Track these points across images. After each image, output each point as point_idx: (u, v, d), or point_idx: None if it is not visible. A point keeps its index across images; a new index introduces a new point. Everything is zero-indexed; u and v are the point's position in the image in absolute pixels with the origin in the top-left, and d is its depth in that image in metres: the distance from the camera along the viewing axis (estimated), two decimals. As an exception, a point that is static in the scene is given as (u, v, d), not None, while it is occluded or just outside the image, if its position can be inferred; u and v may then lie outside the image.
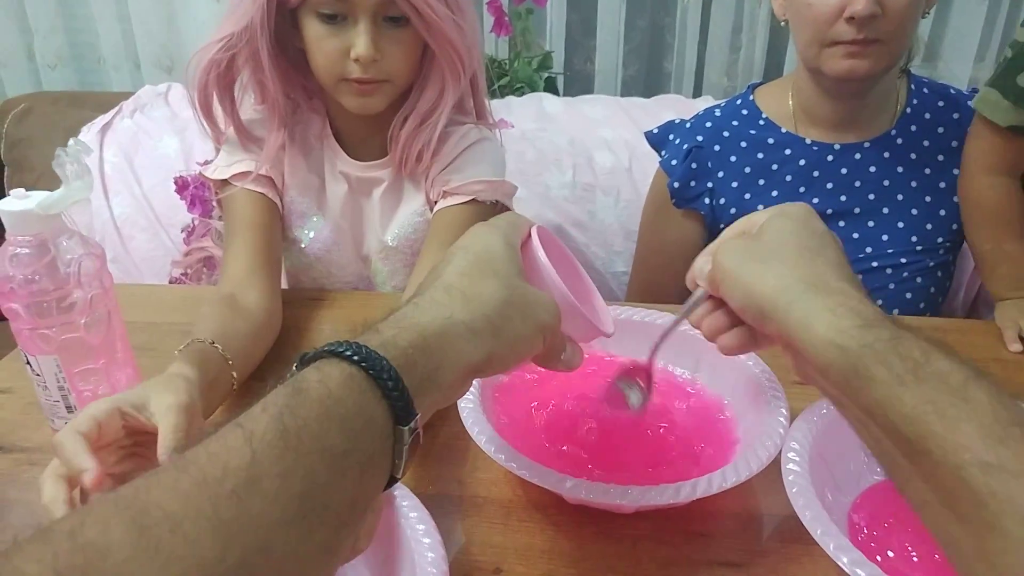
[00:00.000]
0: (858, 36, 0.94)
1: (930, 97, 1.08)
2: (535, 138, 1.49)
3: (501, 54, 1.80)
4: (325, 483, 0.33)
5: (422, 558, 0.50)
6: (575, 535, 0.60)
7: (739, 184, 1.10)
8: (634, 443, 0.65)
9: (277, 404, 0.34)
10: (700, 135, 1.13)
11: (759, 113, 1.12)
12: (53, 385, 0.64)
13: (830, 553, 0.50)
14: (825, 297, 0.46)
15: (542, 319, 0.47)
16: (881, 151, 1.06)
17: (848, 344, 0.43)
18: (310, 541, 0.32)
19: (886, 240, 1.05)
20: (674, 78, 1.91)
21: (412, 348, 0.40)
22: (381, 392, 0.37)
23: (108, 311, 0.65)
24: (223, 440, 0.32)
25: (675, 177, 1.13)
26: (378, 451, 0.37)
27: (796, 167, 1.07)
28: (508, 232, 0.50)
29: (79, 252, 0.62)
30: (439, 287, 0.45)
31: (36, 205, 0.60)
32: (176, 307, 0.96)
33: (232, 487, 0.30)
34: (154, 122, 1.56)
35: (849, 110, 1.05)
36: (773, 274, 0.49)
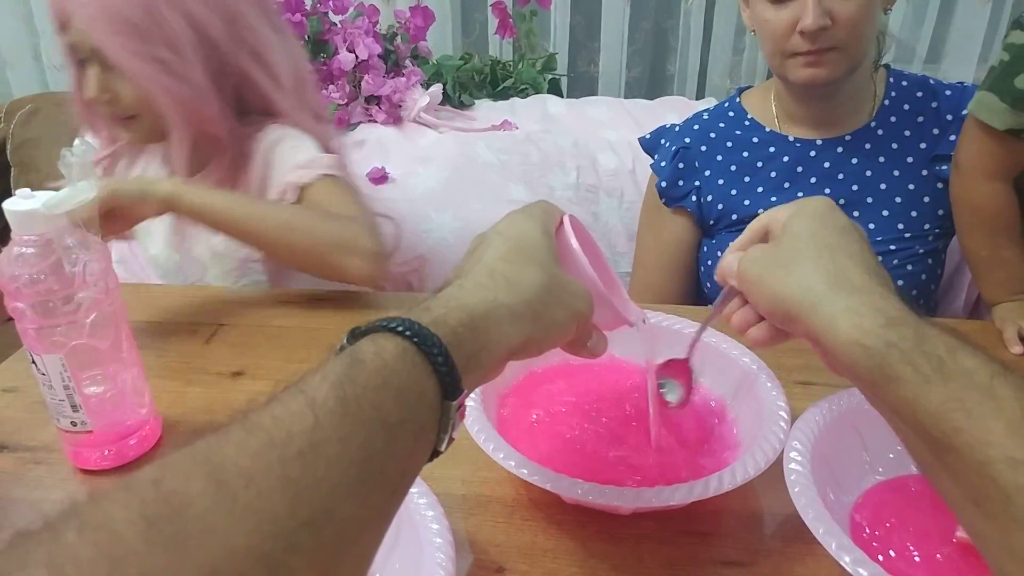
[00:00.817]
0: (812, 47, 0.98)
1: (908, 89, 1.11)
2: (539, 140, 1.49)
3: (505, 56, 1.80)
4: (381, 450, 0.34)
5: (431, 557, 0.50)
6: (578, 534, 0.60)
7: (725, 181, 1.13)
8: (635, 444, 0.65)
9: (336, 373, 0.35)
10: (688, 137, 1.17)
11: (744, 114, 1.16)
12: (58, 384, 0.64)
13: (832, 553, 0.50)
14: (847, 296, 0.46)
15: (577, 307, 0.48)
16: (862, 143, 1.09)
17: (872, 344, 0.43)
18: (368, 505, 0.34)
19: (873, 228, 1.07)
20: (677, 80, 1.91)
21: (461, 327, 0.41)
22: (432, 367, 0.38)
23: (114, 311, 0.66)
24: (286, 405, 0.33)
25: (663, 177, 1.17)
26: (428, 423, 0.38)
27: (780, 163, 1.11)
28: (544, 220, 0.51)
29: (85, 252, 0.62)
30: (482, 271, 0.46)
31: (42, 205, 0.60)
32: (182, 307, 0.96)
33: (298, 449, 0.31)
34: (159, 123, 1.56)
35: (824, 110, 1.09)
36: (796, 277, 0.49)
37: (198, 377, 0.81)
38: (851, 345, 0.44)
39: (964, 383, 0.39)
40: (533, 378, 0.72)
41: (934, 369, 0.40)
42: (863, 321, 0.44)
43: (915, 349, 0.41)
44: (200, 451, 0.31)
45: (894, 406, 0.42)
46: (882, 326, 0.43)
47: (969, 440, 0.37)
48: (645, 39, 1.91)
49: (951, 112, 1.09)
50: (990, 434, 0.37)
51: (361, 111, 1.55)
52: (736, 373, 0.70)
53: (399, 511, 0.54)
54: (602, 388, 0.71)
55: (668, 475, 0.62)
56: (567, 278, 0.49)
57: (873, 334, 0.43)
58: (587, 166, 1.45)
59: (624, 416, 0.67)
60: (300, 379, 0.36)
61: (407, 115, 1.54)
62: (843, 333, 0.45)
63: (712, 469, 0.61)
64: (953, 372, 0.40)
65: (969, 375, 0.39)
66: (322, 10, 1.53)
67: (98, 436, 0.67)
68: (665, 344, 0.73)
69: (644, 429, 0.66)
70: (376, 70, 1.53)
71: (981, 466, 0.37)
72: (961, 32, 1.79)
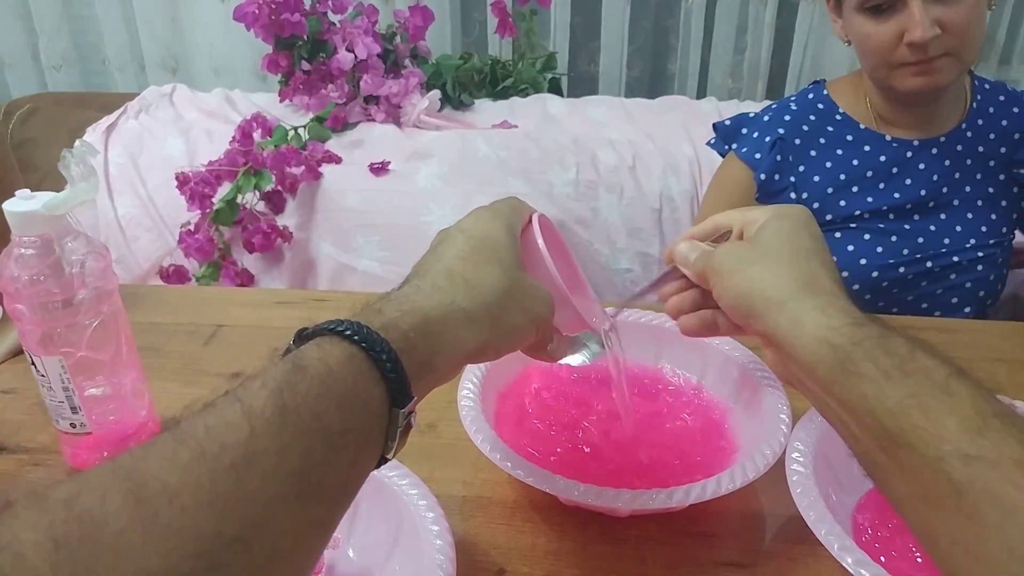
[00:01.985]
0: (924, 57, 0.96)
1: (991, 93, 1.11)
2: (539, 136, 1.49)
3: (505, 56, 1.80)
4: (322, 461, 0.33)
5: (431, 559, 0.50)
6: (579, 536, 0.60)
7: (821, 179, 1.10)
8: (636, 445, 0.65)
9: (277, 379, 0.34)
10: (781, 128, 1.12)
11: (835, 107, 1.12)
12: (58, 386, 0.64)
13: (834, 554, 0.50)
14: (816, 297, 0.47)
15: (538, 311, 0.48)
16: (954, 145, 1.08)
17: (839, 341, 0.44)
18: (305, 517, 0.33)
19: (960, 231, 1.07)
20: (678, 79, 1.91)
21: (413, 332, 0.40)
22: (380, 374, 0.37)
23: (113, 312, 0.65)
24: (221, 414, 0.32)
25: (761, 170, 1.11)
26: (374, 431, 0.37)
27: (877, 163, 1.09)
28: (510, 218, 0.50)
29: (84, 253, 0.62)
30: (441, 271, 0.45)
31: (42, 206, 0.60)
32: (181, 308, 0.96)
33: (230, 462, 0.30)
34: (159, 123, 1.57)
35: (924, 113, 1.08)
36: (770, 274, 0.50)
37: (197, 378, 0.81)
38: (817, 341, 0.45)
39: (922, 380, 0.40)
40: (532, 376, 0.72)
41: (895, 366, 0.41)
42: (830, 319, 0.45)
43: (878, 347, 0.42)
44: (122, 465, 0.29)
45: (850, 403, 0.43)
46: (849, 324, 0.45)
47: (924, 436, 0.38)
48: (645, 38, 1.91)
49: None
50: (944, 430, 0.37)
51: (359, 110, 1.55)
52: (737, 374, 0.69)
53: (399, 512, 0.55)
54: (601, 387, 0.71)
55: (667, 476, 0.61)
56: (529, 280, 0.48)
57: (840, 331, 0.44)
58: (586, 162, 1.45)
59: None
60: (240, 384, 0.34)
61: (407, 120, 1.54)
62: (810, 330, 0.45)
63: (713, 471, 0.61)
64: (913, 369, 0.41)
65: (928, 373, 0.40)
66: (321, 10, 1.53)
67: (97, 438, 0.67)
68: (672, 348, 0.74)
69: (643, 428, 0.66)
70: (375, 70, 1.53)
71: (935, 462, 0.37)
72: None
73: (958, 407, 0.38)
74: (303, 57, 1.54)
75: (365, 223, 1.41)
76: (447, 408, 0.65)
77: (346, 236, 1.41)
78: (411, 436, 0.72)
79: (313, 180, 1.42)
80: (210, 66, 1.95)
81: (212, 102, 1.63)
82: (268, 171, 1.41)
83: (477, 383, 0.66)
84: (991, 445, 0.36)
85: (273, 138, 1.46)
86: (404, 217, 1.40)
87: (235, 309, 0.94)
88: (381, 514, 0.57)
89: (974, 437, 0.36)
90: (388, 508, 0.56)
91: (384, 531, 0.56)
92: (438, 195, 1.41)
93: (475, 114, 1.60)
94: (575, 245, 1.41)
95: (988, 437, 0.36)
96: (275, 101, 1.60)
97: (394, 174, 1.44)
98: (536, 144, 1.47)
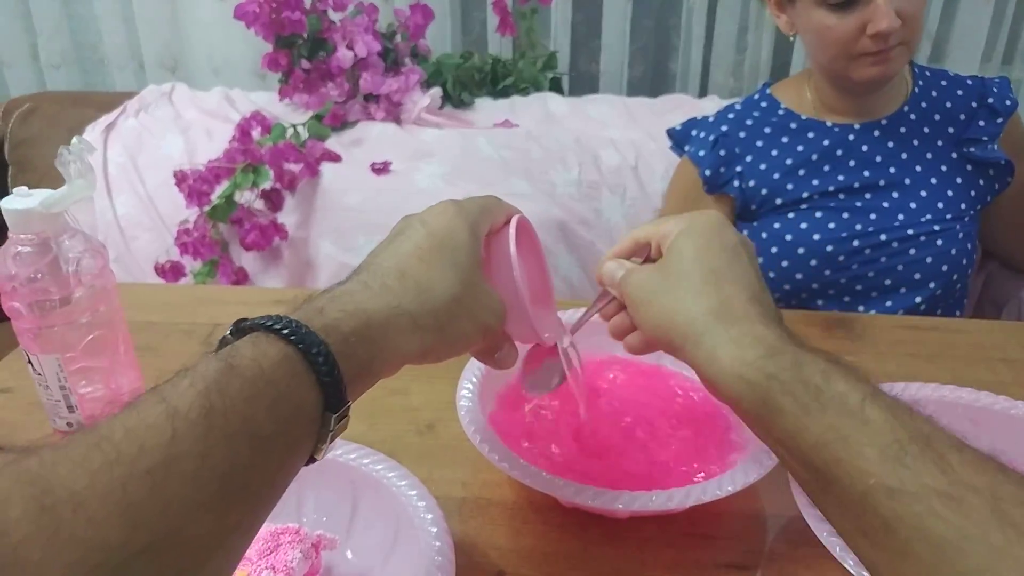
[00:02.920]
0: (884, 47, 1.01)
1: (932, 79, 1.17)
2: (541, 136, 1.48)
3: (505, 54, 1.80)
4: (247, 465, 0.32)
5: (429, 560, 0.50)
6: (579, 538, 0.60)
7: (767, 166, 1.15)
8: (636, 446, 0.64)
9: (206, 379, 0.33)
10: (724, 125, 1.19)
11: (778, 104, 1.19)
12: (55, 385, 0.64)
13: (836, 556, 0.49)
14: (729, 327, 0.46)
15: (487, 321, 0.47)
16: (897, 127, 1.13)
17: (754, 377, 0.42)
18: (225, 522, 0.32)
19: (915, 208, 1.10)
20: (680, 79, 1.90)
21: (354, 336, 0.39)
22: (315, 378, 0.36)
23: (110, 310, 0.65)
24: (143, 415, 0.31)
25: (705, 166, 1.17)
26: (304, 435, 0.36)
27: (820, 147, 1.14)
28: (477, 219, 0.48)
29: (81, 251, 0.62)
30: (392, 270, 0.44)
31: (39, 204, 0.59)
32: (178, 307, 0.95)
33: (147, 467, 0.29)
34: (158, 122, 1.56)
35: (868, 101, 1.13)
36: (680, 307, 0.48)
37: (196, 377, 0.81)
38: (735, 379, 0.43)
39: (838, 410, 0.39)
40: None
41: (812, 398, 0.40)
42: (744, 353, 0.44)
43: (794, 379, 0.41)
44: (28, 470, 0.28)
45: (779, 439, 0.42)
46: (762, 357, 0.43)
47: (849, 470, 0.37)
48: (647, 37, 1.90)
49: (975, 100, 1.14)
50: (866, 463, 0.36)
51: (359, 109, 1.54)
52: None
53: (397, 513, 0.54)
54: (601, 386, 0.71)
55: (667, 477, 0.61)
56: (483, 288, 0.47)
57: (754, 366, 0.43)
58: (589, 162, 1.45)
59: (623, 414, 0.67)
60: (169, 381, 0.33)
61: (407, 118, 1.53)
62: (725, 366, 0.44)
63: (714, 472, 0.60)
64: (828, 399, 0.39)
65: (842, 400, 0.39)
66: (321, 8, 1.52)
67: (95, 437, 0.66)
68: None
69: (643, 428, 0.65)
70: (375, 68, 1.52)
71: (862, 497, 0.36)
72: (964, 30, 1.78)
73: (876, 435, 0.37)
74: (303, 55, 1.53)
75: (366, 222, 1.40)
76: (446, 409, 0.65)
77: (346, 235, 1.41)
78: (410, 437, 0.72)
79: (312, 177, 1.42)
80: (209, 65, 1.95)
81: (211, 101, 1.62)
82: (266, 167, 1.40)
83: (476, 384, 0.66)
84: (911, 475, 0.35)
85: (272, 135, 1.45)
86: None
87: (233, 308, 0.94)
88: (380, 515, 0.56)
89: (894, 467, 0.36)
90: (387, 509, 0.56)
91: (383, 532, 0.56)
92: (439, 195, 1.38)
93: (476, 113, 1.59)
94: (578, 246, 1.40)
95: (907, 466, 0.35)
96: (275, 100, 1.59)
97: (395, 173, 1.43)
98: (538, 144, 1.47)
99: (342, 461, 0.58)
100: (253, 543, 0.52)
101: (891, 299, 1.12)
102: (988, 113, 1.14)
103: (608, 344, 0.74)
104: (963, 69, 1.72)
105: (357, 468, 0.58)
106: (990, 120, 1.14)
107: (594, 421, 0.66)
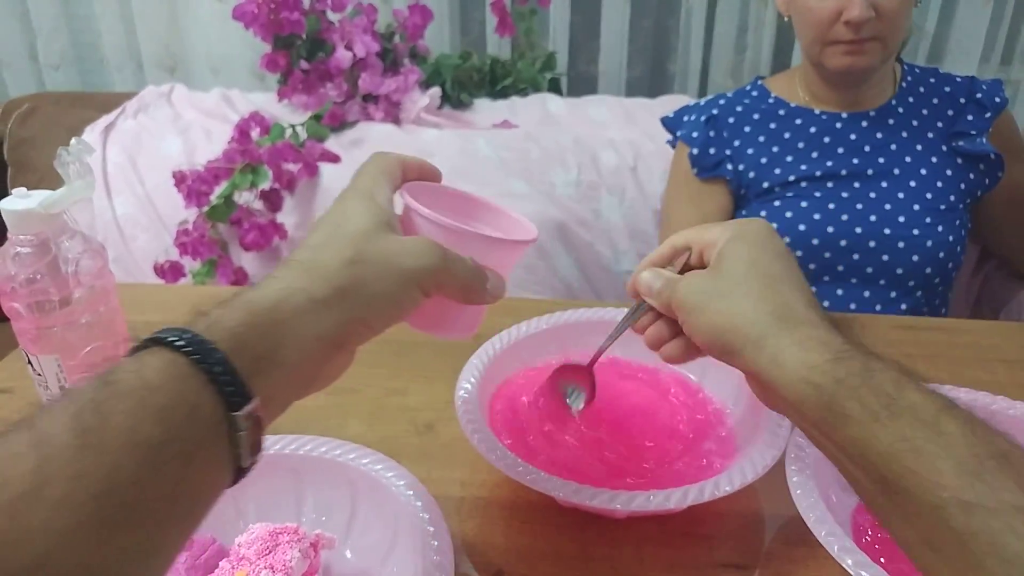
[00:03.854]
0: (855, 36, 1.05)
1: (921, 75, 1.20)
2: (540, 136, 1.49)
3: (504, 55, 1.80)
4: (133, 480, 0.31)
5: (428, 560, 0.50)
6: (578, 537, 0.60)
7: (755, 151, 1.18)
8: (636, 446, 0.64)
9: (81, 399, 0.32)
10: (715, 109, 1.23)
11: (768, 94, 1.22)
12: (54, 385, 0.64)
13: (835, 555, 0.49)
14: (793, 330, 0.45)
15: (407, 266, 0.43)
16: (885, 118, 1.16)
17: (821, 381, 0.42)
18: (113, 545, 0.30)
19: (903, 198, 1.12)
20: (678, 79, 1.90)
21: (242, 327, 0.37)
22: (207, 378, 0.34)
23: (110, 311, 0.65)
24: (7, 445, 0.30)
25: (695, 144, 1.20)
26: (207, 441, 0.34)
27: (808, 134, 1.17)
28: (369, 185, 0.46)
29: (81, 251, 0.62)
30: (282, 263, 0.43)
31: (38, 204, 0.59)
32: (178, 307, 0.95)
33: (7, 499, 0.28)
34: (157, 122, 1.56)
35: (852, 94, 1.16)
36: (739, 310, 0.47)
37: (195, 378, 0.80)
38: (799, 382, 0.43)
39: (911, 420, 0.38)
40: (530, 376, 0.72)
41: (882, 406, 0.39)
42: (810, 356, 0.43)
43: (863, 385, 0.40)
44: None
45: (843, 446, 0.41)
46: (830, 361, 0.42)
47: (921, 482, 0.36)
48: (646, 38, 1.90)
49: (963, 96, 1.17)
50: (940, 475, 0.36)
51: (358, 109, 1.54)
52: (736, 375, 0.69)
53: (396, 512, 0.54)
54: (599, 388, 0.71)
55: (666, 477, 0.61)
56: (391, 240, 0.43)
57: (821, 370, 0.42)
58: (588, 163, 1.45)
59: (622, 414, 0.67)
60: (43, 407, 0.32)
61: (406, 118, 1.53)
62: (790, 370, 0.43)
63: (713, 472, 0.60)
64: (901, 409, 0.39)
65: (916, 411, 0.38)
66: (320, 8, 1.52)
67: (94, 437, 0.66)
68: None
69: (642, 428, 0.65)
70: (374, 68, 1.52)
71: (934, 509, 0.36)
72: (963, 30, 1.78)
73: (951, 448, 0.36)
74: (302, 56, 1.53)
75: (364, 223, 1.40)
76: (445, 408, 0.65)
77: (345, 236, 1.41)
78: (409, 436, 0.72)
79: (310, 177, 1.42)
80: (208, 65, 1.95)
81: (210, 102, 1.62)
82: (265, 168, 1.40)
83: (475, 383, 0.66)
84: (989, 490, 0.35)
85: (271, 136, 1.46)
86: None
87: (233, 309, 0.94)
88: (379, 515, 0.56)
89: (971, 482, 0.35)
90: (386, 509, 0.56)
91: (382, 532, 0.56)
92: (437, 195, 1.40)
93: (475, 113, 1.60)
94: (576, 246, 1.40)
95: (985, 481, 0.35)
96: (273, 100, 1.59)
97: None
98: (537, 144, 1.47)
99: (341, 461, 0.58)
100: (251, 543, 0.52)
101: (869, 289, 1.12)
102: (976, 108, 1.16)
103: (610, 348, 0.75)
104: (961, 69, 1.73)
105: (356, 468, 0.58)
106: (978, 115, 1.15)
107: (593, 421, 0.66)
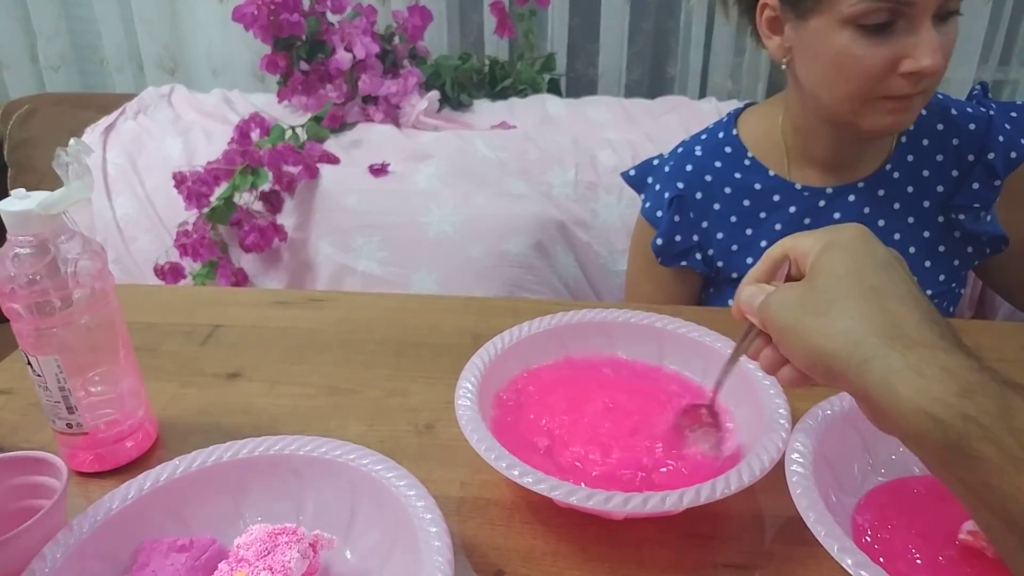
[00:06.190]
0: (915, 91, 0.83)
1: (928, 120, 0.98)
2: (538, 137, 1.49)
3: (503, 56, 1.80)
4: None
5: (429, 560, 0.50)
6: (578, 538, 0.60)
7: (725, 235, 1.01)
8: (635, 446, 0.64)
9: None
10: (681, 181, 1.02)
11: (744, 151, 1.01)
12: (54, 386, 0.64)
13: (834, 555, 0.49)
14: (905, 352, 0.40)
15: None
16: (875, 190, 0.97)
17: (945, 416, 0.37)
18: None
19: None
20: (678, 82, 1.90)
21: None
22: None
23: (109, 312, 0.65)
24: None
25: (659, 233, 1.03)
26: None
27: (786, 215, 0.98)
28: None
29: (80, 252, 0.62)
30: None
31: (37, 205, 0.59)
32: (178, 308, 0.95)
33: None
34: (157, 123, 1.57)
35: (853, 151, 0.96)
36: (838, 330, 0.43)
37: (194, 379, 0.81)
38: (918, 414, 0.38)
39: None
40: (529, 377, 0.72)
41: (1022, 446, 0.35)
42: (931, 386, 0.38)
43: (999, 425, 0.36)
44: None
45: (974, 489, 0.37)
46: (956, 394, 0.38)
47: None
48: (645, 40, 1.90)
49: (972, 152, 0.96)
50: None
51: (358, 111, 1.54)
52: (735, 375, 0.69)
53: (396, 513, 0.54)
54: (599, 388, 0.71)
55: (665, 477, 0.61)
56: None
57: (945, 403, 0.38)
58: (586, 163, 1.45)
59: (621, 415, 0.67)
60: None
61: (406, 121, 1.54)
62: (906, 399, 0.39)
63: (712, 472, 0.60)
64: None
65: None
66: (319, 10, 1.52)
67: (94, 438, 0.66)
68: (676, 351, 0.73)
69: (642, 429, 0.65)
70: (374, 70, 1.53)
71: None
72: (962, 30, 1.78)
73: None
74: (301, 57, 1.54)
75: (364, 223, 1.41)
76: (445, 409, 0.65)
77: (345, 236, 1.41)
78: (409, 437, 0.72)
79: (310, 179, 1.42)
80: (208, 67, 1.95)
81: (210, 103, 1.63)
82: (265, 169, 1.40)
83: (475, 384, 0.66)
84: None
85: (271, 137, 1.46)
86: (403, 217, 1.40)
87: (232, 309, 0.94)
88: (379, 515, 0.56)
89: None
90: (386, 509, 0.56)
91: (382, 532, 0.56)
92: (437, 195, 1.41)
93: (474, 114, 1.60)
94: (575, 246, 1.40)
95: None
96: (273, 102, 1.60)
97: (393, 174, 1.44)
98: (535, 145, 1.47)
99: (341, 461, 0.58)
100: (250, 544, 0.52)
101: None
102: (986, 174, 0.95)
103: (608, 345, 0.75)
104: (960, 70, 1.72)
105: (356, 468, 0.58)
106: (986, 182, 0.95)
107: (593, 421, 0.66)
